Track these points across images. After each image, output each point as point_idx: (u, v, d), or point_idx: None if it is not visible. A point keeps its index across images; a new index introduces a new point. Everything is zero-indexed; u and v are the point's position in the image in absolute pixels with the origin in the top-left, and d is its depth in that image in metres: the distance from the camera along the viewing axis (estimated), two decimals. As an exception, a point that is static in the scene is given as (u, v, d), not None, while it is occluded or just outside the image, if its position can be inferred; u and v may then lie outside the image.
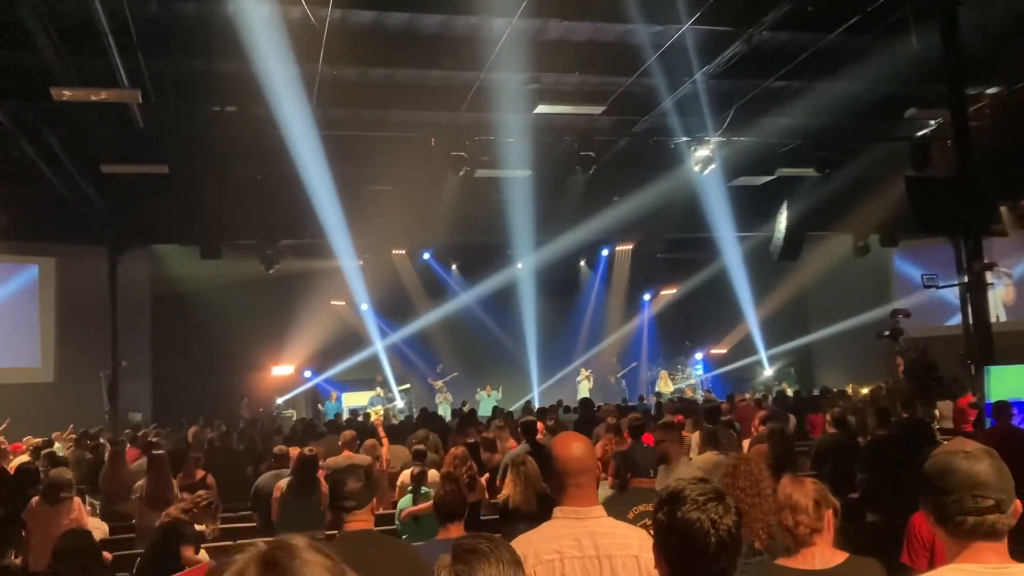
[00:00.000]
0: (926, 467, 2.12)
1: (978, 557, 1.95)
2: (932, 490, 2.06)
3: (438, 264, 21.91)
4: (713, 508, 1.98)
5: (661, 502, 2.06)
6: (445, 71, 12.85)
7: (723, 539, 1.96)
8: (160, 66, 11.54)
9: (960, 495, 1.97)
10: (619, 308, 23.60)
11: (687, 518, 1.97)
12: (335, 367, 21.21)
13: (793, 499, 3.05)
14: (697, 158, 15.24)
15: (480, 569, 1.86)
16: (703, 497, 2.00)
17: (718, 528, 1.96)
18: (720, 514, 1.98)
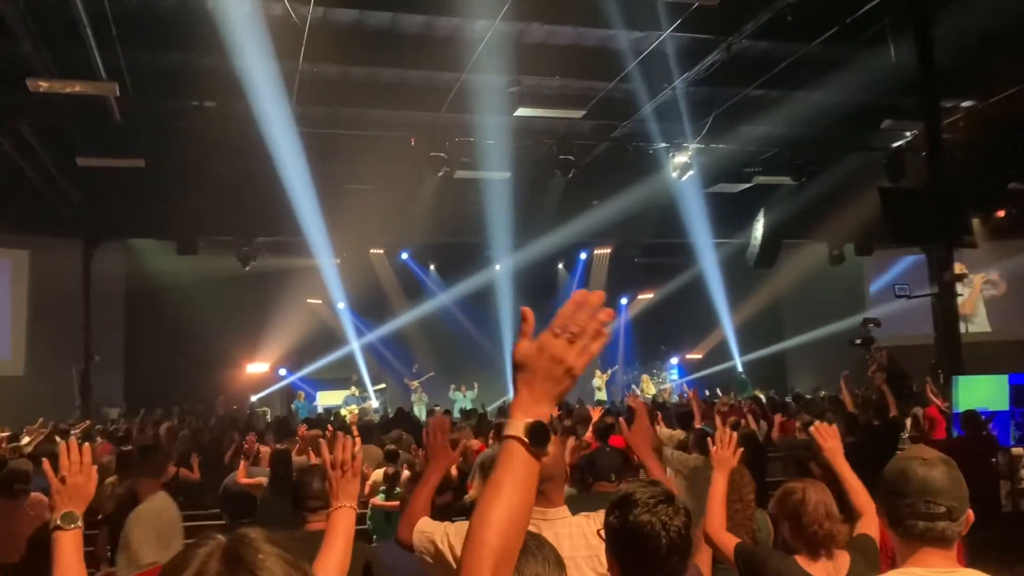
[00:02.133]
0: (884, 471, 2.16)
1: (926, 562, 1.99)
2: (887, 494, 2.10)
3: (416, 264, 21.86)
4: (663, 510, 2.01)
5: (612, 506, 2.09)
6: (426, 71, 12.86)
7: (673, 540, 1.99)
8: (139, 59, 11.47)
9: (913, 500, 2.01)
10: (596, 312, 23.61)
11: (638, 521, 2.00)
12: (310, 365, 21.09)
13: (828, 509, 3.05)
14: (675, 164, 15.34)
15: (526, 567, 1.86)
16: (653, 500, 2.03)
17: (668, 529, 1.99)
18: (670, 516, 2.01)
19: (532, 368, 1.37)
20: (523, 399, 1.37)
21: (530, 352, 1.38)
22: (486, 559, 1.28)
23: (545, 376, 1.37)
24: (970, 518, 2.03)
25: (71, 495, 2.17)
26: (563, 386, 1.38)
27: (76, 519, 2.12)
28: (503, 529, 1.31)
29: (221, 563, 0.94)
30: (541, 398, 1.37)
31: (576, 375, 1.38)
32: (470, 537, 1.32)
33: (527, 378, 1.37)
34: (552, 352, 1.37)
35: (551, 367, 1.36)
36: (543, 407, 1.37)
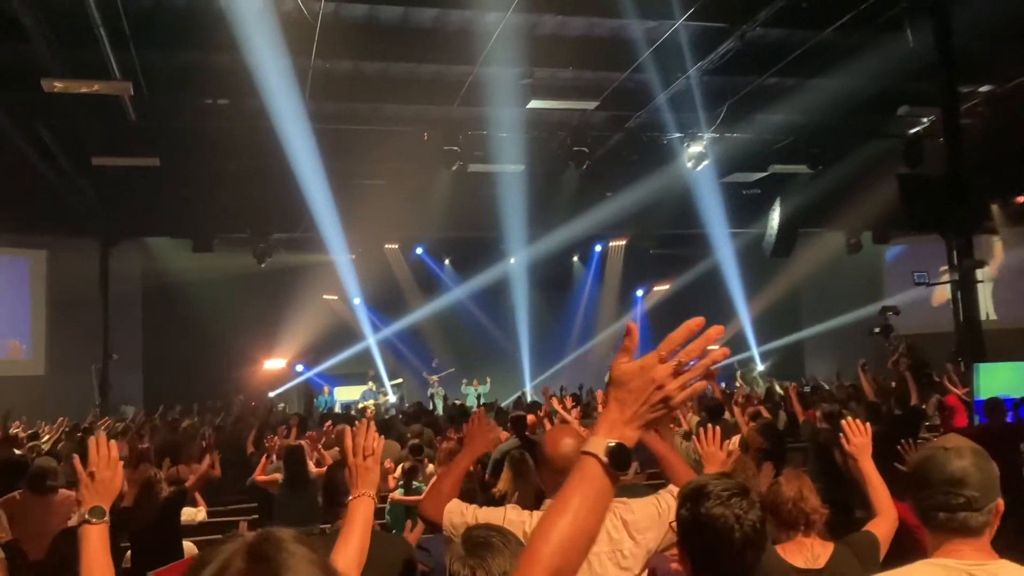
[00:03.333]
0: (911, 464, 2.14)
1: (956, 553, 1.96)
2: (913, 485, 2.08)
3: (431, 259, 21.88)
4: (737, 503, 1.98)
5: (684, 498, 2.05)
6: (438, 65, 12.84)
7: (748, 534, 1.96)
8: (152, 58, 11.49)
9: (934, 490, 1.99)
10: (612, 304, 23.61)
11: (711, 514, 1.97)
12: (327, 361, 21.17)
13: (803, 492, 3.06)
14: (690, 154, 15.26)
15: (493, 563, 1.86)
16: (727, 492, 2.00)
17: (743, 523, 1.96)
18: (744, 509, 1.98)
19: (628, 387, 1.31)
20: (612, 417, 1.31)
21: (630, 371, 1.32)
22: (540, 568, 1.24)
23: (640, 399, 1.30)
24: (999, 507, 2.00)
25: (99, 490, 2.22)
26: (657, 414, 1.31)
27: (103, 513, 2.17)
28: (563, 548, 1.26)
29: (245, 561, 0.92)
30: (631, 420, 1.31)
31: (673, 407, 1.32)
32: (528, 550, 1.28)
33: (621, 396, 1.31)
34: (653, 376, 1.30)
35: (649, 391, 1.30)
36: (630, 430, 1.31)
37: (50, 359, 18.28)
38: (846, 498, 5.93)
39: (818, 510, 3.04)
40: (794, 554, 2.95)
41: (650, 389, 1.30)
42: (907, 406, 8.49)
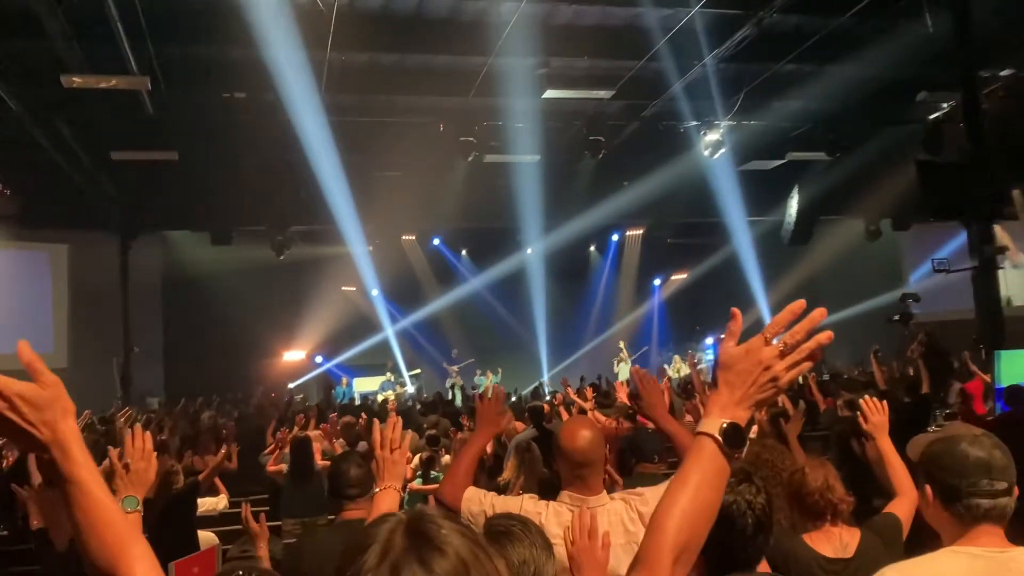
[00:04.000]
0: (933, 451, 2.13)
1: (979, 540, 1.97)
2: (939, 473, 2.07)
3: (447, 250, 21.91)
4: (746, 489, 2.00)
5: None
6: (454, 56, 12.83)
7: (759, 518, 1.98)
8: (169, 53, 11.57)
9: (975, 479, 1.99)
10: (629, 293, 23.56)
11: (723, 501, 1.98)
12: (346, 352, 21.28)
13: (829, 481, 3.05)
14: (707, 142, 15.19)
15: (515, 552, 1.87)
16: (734, 480, 2.00)
17: (753, 508, 1.98)
18: (753, 494, 1.99)
19: (736, 370, 1.38)
20: (723, 399, 1.38)
21: (737, 354, 1.39)
22: (667, 550, 1.31)
23: (748, 380, 1.37)
24: (1016, 494, 2.02)
25: (133, 480, 2.29)
26: (766, 394, 1.37)
27: (136, 503, 2.22)
28: (688, 522, 1.33)
29: (405, 538, 0.98)
30: (741, 401, 1.37)
31: (781, 387, 1.38)
32: (652, 527, 1.35)
33: (730, 379, 1.38)
34: (760, 357, 1.37)
35: (756, 372, 1.37)
36: (742, 411, 1.37)
37: (72, 352, 18.46)
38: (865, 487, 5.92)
39: (845, 499, 3.03)
40: (823, 543, 2.94)
41: (758, 371, 1.37)
42: (917, 394, 8.42)
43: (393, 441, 2.45)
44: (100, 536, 1.31)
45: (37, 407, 1.30)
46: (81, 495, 1.32)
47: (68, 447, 1.32)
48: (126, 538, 1.34)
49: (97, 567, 1.31)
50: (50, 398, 1.32)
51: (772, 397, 1.39)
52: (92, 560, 1.31)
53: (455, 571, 0.96)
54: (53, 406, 1.32)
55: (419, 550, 0.97)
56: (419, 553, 0.97)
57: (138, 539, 1.36)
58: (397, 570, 0.95)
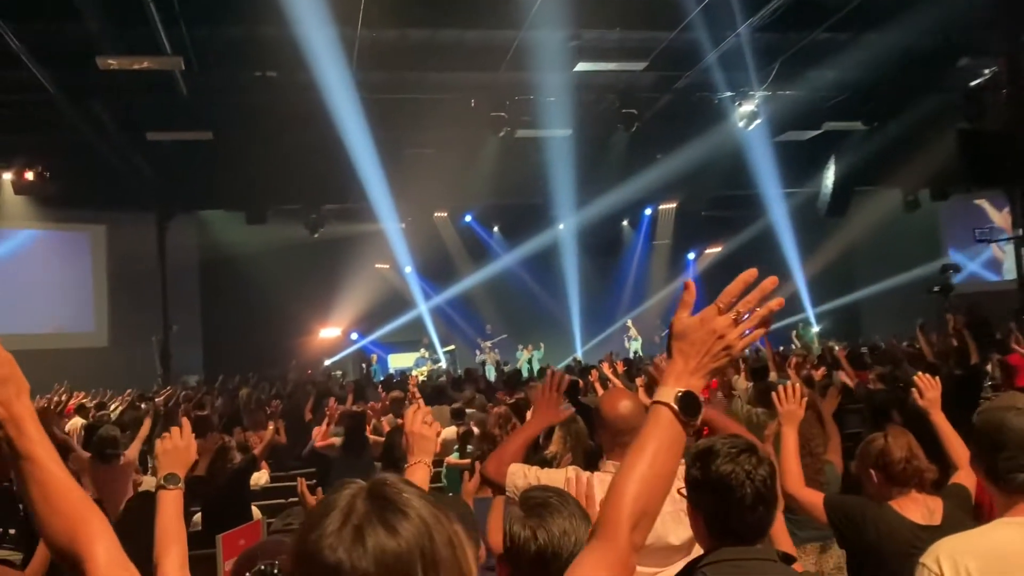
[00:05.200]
0: (977, 423, 2.11)
1: None
2: (984, 447, 2.05)
3: (480, 226, 21.94)
4: (746, 459, 1.98)
5: (693, 458, 2.06)
6: (484, 30, 12.75)
7: (759, 489, 1.96)
8: (201, 33, 11.63)
9: (1013, 452, 1.96)
10: (662, 268, 23.46)
11: (720, 471, 1.97)
12: (381, 329, 21.46)
13: (913, 450, 3.03)
14: (742, 113, 15.00)
15: (554, 523, 1.88)
16: (735, 450, 2.00)
17: (753, 479, 1.96)
18: (754, 465, 1.98)
19: (690, 339, 1.39)
20: (677, 368, 1.40)
21: (691, 324, 1.40)
22: (625, 517, 1.33)
23: (702, 350, 1.39)
24: None
25: (173, 458, 2.36)
26: (720, 362, 1.40)
27: (178, 480, 2.30)
28: (644, 491, 1.35)
29: (367, 502, 1.00)
30: (696, 370, 1.39)
31: (734, 355, 1.40)
32: (611, 492, 1.37)
33: (684, 348, 1.40)
34: (713, 327, 1.39)
35: (710, 341, 1.39)
36: (696, 379, 1.39)
37: (112, 331, 18.80)
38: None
39: (931, 468, 3.01)
40: (911, 511, 2.92)
41: (711, 340, 1.39)
42: (967, 366, 8.31)
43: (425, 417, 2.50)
44: (57, 511, 1.33)
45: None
46: (37, 471, 1.34)
47: (23, 424, 1.34)
48: (84, 513, 1.35)
49: (55, 542, 1.33)
50: (3, 377, 1.33)
51: (726, 365, 1.42)
52: (50, 534, 1.33)
53: (418, 532, 0.98)
54: (7, 385, 1.33)
55: (382, 512, 0.99)
56: (382, 515, 0.98)
57: (95, 514, 1.37)
58: (361, 532, 0.97)
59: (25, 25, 10.49)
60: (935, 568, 1.92)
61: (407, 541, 0.97)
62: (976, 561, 1.89)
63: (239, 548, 3.20)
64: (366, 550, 0.95)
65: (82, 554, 1.32)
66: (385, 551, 0.96)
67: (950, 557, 1.91)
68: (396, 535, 0.97)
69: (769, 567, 1.95)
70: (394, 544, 0.96)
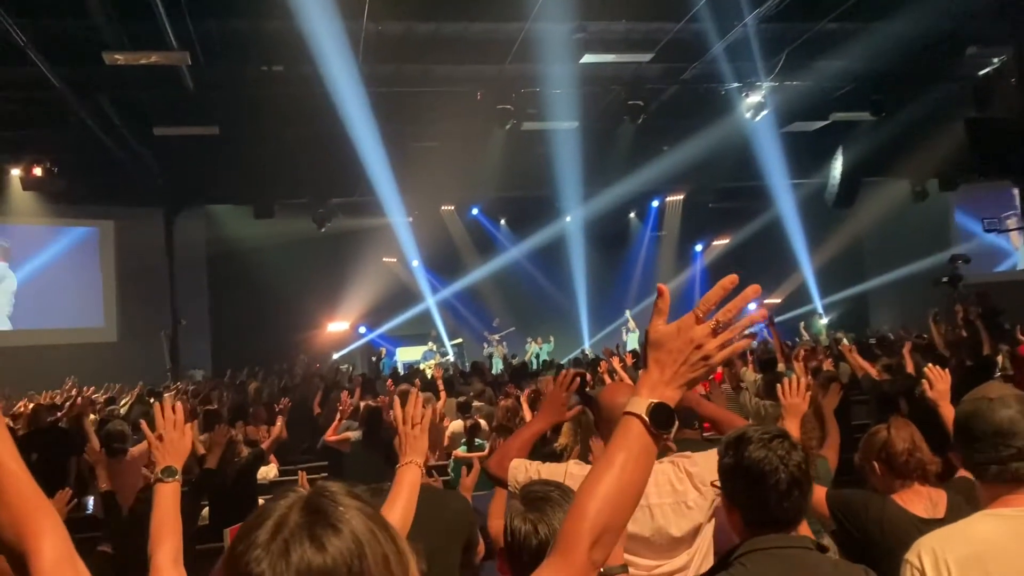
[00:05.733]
0: (956, 414, 2.10)
1: (1010, 502, 1.95)
2: (959, 438, 2.05)
3: (487, 219, 21.92)
4: (779, 445, 1.98)
5: (725, 447, 2.05)
6: (489, 23, 12.72)
7: (793, 474, 1.95)
8: (207, 27, 11.62)
9: (983, 443, 1.96)
10: (670, 259, 23.41)
11: (754, 457, 1.96)
12: (389, 322, 21.50)
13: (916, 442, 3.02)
14: (748, 104, 14.94)
15: (555, 517, 1.89)
16: (768, 436, 2.00)
17: (787, 464, 1.95)
18: (787, 450, 1.97)
19: (667, 348, 1.34)
20: (652, 378, 1.35)
21: (668, 332, 1.35)
22: (586, 532, 1.28)
23: (679, 359, 1.33)
24: None
25: (168, 451, 2.34)
26: (697, 373, 1.34)
27: (175, 472, 2.28)
28: (609, 505, 1.30)
29: (301, 514, 0.96)
30: (671, 380, 1.34)
31: (713, 365, 1.34)
32: (574, 508, 1.32)
33: (660, 358, 1.35)
34: (691, 336, 1.33)
35: (687, 351, 1.33)
36: (671, 390, 1.34)
37: (121, 326, 18.87)
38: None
39: (934, 460, 3.00)
40: (914, 503, 2.92)
41: (689, 349, 1.33)
42: (979, 356, 8.28)
43: (415, 417, 2.48)
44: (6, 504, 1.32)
45: None
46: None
47: None
48: (35, 510, 1.34)
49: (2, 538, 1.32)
50: None
51: (704, 376, 1.36)
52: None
53: (347, 551, 0.94)
54: None
55: (312, 527, 0.95)
56: (311, 530, 0.95)
57: (48, 512, 1.35)
58: (287, 548, 0.93)
59: (32, 21, 10.50)
60: (917, 564, 1.93)
61: (334, 558, 0.93)
62: (955, 555, 1.89)
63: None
64: (289, 565, 0.92)
65: (28, 549, 1.31)
66: (310, 568, 0.92)
67: (931, 552, 1.92)
68: (323, 551, 0.93)
69: (808, 555, 1.93)
70: (320, 560, 0.92)
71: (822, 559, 1.96)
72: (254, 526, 0.97)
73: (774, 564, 1.90)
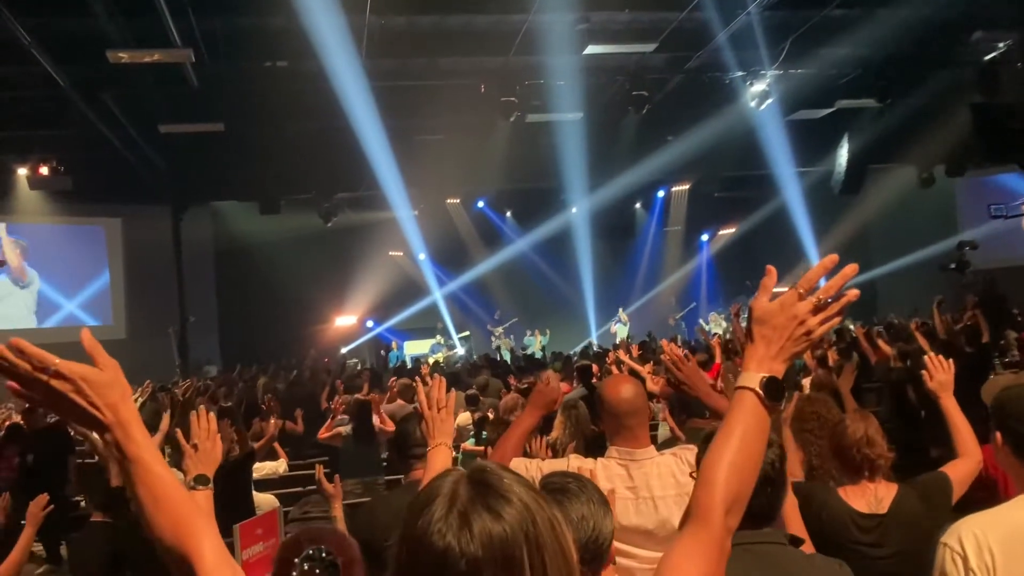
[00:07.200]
0: (1004, 397, 2.10)
1: None
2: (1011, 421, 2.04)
3: (492, 212, 21.92)
4: None
5: (703, 441, 2.06)
6: (493, 15, 12.70)
7: (767, 473, 1.97)
8: (211, 24, 11.64)
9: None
10: (676, 250, 23.40)
11: None
12: (396, 316, 21.54)
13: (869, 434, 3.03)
14: (753, 93, 14.89)
15: (572, 509, 1.90)
16: None
17: None
18: None
19: (772, 324, 1.42)
20: (759, 353, 1.43)
21: (771, 309, 1.43)
22: (719, 501, 1.35)
23: (784, 335, 1.41)
24: None
25: (202, 459, 2.41)
26: (800, 347, 1.42)
27: (207, 481, 2.36)
28: (736, 473, 1.38)
29: (469, 488, 1.04)
30: (777, 355, 1.42)
31: (814, 340, 1.43)
32: (702, 480, 1.39)
33: (765, 333, 1.42)
34: (794, 312, 1.41)
35: (791, 327, 1.41)
36: (778, 363, 1.42)
37: (130, 324, 18.93)
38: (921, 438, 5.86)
39: (884, 455, 2.99)
40: (857, 498, 2.93)
41: (792, 325, 1.41)
42: (978, 343, 8.26)
43: (439, 400, 2.52)
44: (165, 512, 1.35)
45: (100, 389, 1.34)
46: (145, 473, 1.36)
47: (129, 428, 1.36)
48: (190, 513, 1.38)
49: (164, 542, 1.35)
50: (111, 380, 1.36)
51: (804, 350, 1.44)
52: (159, 535, 1.35)
53: (521, 516, 1.01)
54: (114, 388, 1.36)
55: (485, 498, 1.02)
56: (486, 501, 1.02)
57: (200, 514, 1.40)
58: (467, 518, 1.00)
59: (36, 20, 10.53)
60: (957, 548, 1.91)
61: (511, 525, 1.00)
62: (998, 536, 1.89)
63: (256, 537, 3.24)
64: (473, 535, 0.99)
65: (189, 551, 1.34)
66: (492, 535, 0.99)
67: (972, 536, 1.90)
68: (501, 520, 1.00)
69: (777, 550, 1.96)
70: (499, 528, 1.00)
71: (795, 553, 1.98)
72: (425, 503, 1.04)
73: (744, 559, 1.92)
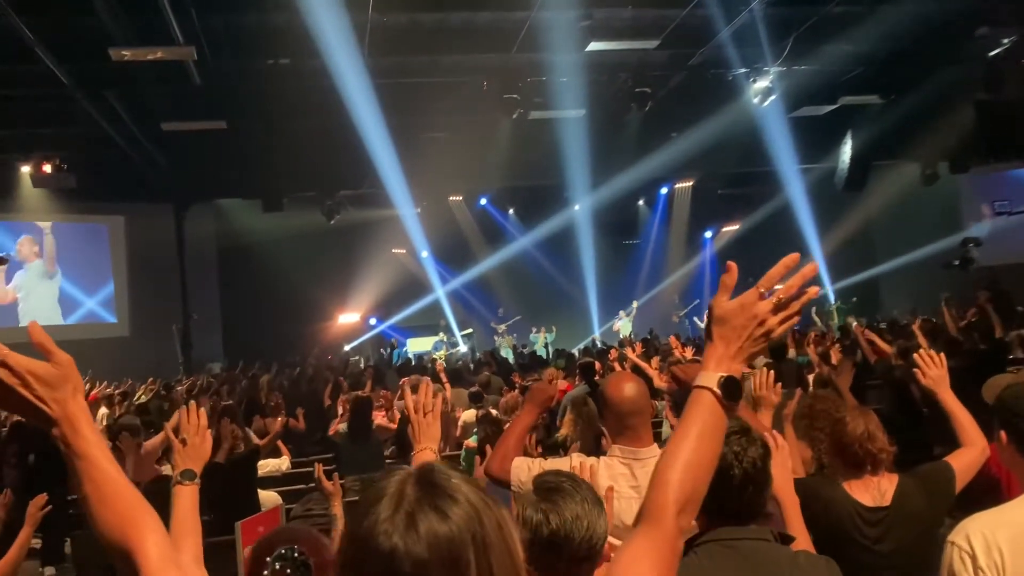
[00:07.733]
0: (1007, 394, 2.09)
1: None
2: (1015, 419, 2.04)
3: (495, 209, 21.91)
4: (736, 440, 1.99)
5: None
6: (495, 12, 12.67)
7: (747, 471, 1.97)
8: (213, 22, 11.64)
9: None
10: (680, 247, 23.38)
11: None
12: (399, 314, 21.56)
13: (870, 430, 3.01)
14: (756, 90, 14.86)
15: (566, 508, 1.90)
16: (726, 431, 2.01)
17: (742, 460, 1.98)
18: (743, 446, 1.99)
19: (732, 324, 1.42)
20: (718, 352, 1.42)
21: (731, 308, 1.42)
22: (671, 501, 1.36)
23: (743, 334, 1.41)
24: None
25: (190, 454, 2.40)
26: (759, 347, 1.42)
27: (194, 476, 2.33)
28: (690, 473, 1.38)
29: (417, 488, 1.03)
30: (736, 354, 1.42)
31: (773, 339, 1.42)
32: (656, 480, 1.39)
33: (724, 333, 1.42)
34: (754, 312, 1.41)
35: (751, 327, 1.41)
36: (736, 363, 1.42)
37: (133, 321, 18.96)
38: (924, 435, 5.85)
39: (885, 449, 2.99)
40: (861, 492, 2.92)
41: (752, 325, 1.41)
42: (992, 339, 8.25)
43: (425, 405, 2.52)
44: (112, 508, 1.35)
45: (48, 384, 1.33)
46: (91, 468, 1.35)
47: (77, 423, 1.35)
48: (136, 510, 1.37)
49: (109, 538, 1.35)
50: (61, 376, 1.35)
51: (763, 350, 1.44)
52: (103, 532, 1.35)
53: (468, 516, 1.01)
54: (64, 384, 1.35)
55: (432, 498, 1.02)
56: (432, 501, 1.02)
57: (147, 511, 1.39)
58: (413, 518, 1.00)
59: (39, 19, 10.54)
60: (966, 546, 1.91)
61: (458, 525, 1.01)
62: (1007, 535, 1.88)
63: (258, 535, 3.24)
64: (419, 535, 0.99)
65: (134, 548, 1.34)
66: (438, 535, 0.99)
67: (980, 534, 1.90)
68: (447, 520, 1.00)
69: (761, 546, 1.95)
70: (446, 528, 1.00)
71: (781, 550, 1.97)
72: (372, 502, 1.03)
73: (728, 555, 1.93)
